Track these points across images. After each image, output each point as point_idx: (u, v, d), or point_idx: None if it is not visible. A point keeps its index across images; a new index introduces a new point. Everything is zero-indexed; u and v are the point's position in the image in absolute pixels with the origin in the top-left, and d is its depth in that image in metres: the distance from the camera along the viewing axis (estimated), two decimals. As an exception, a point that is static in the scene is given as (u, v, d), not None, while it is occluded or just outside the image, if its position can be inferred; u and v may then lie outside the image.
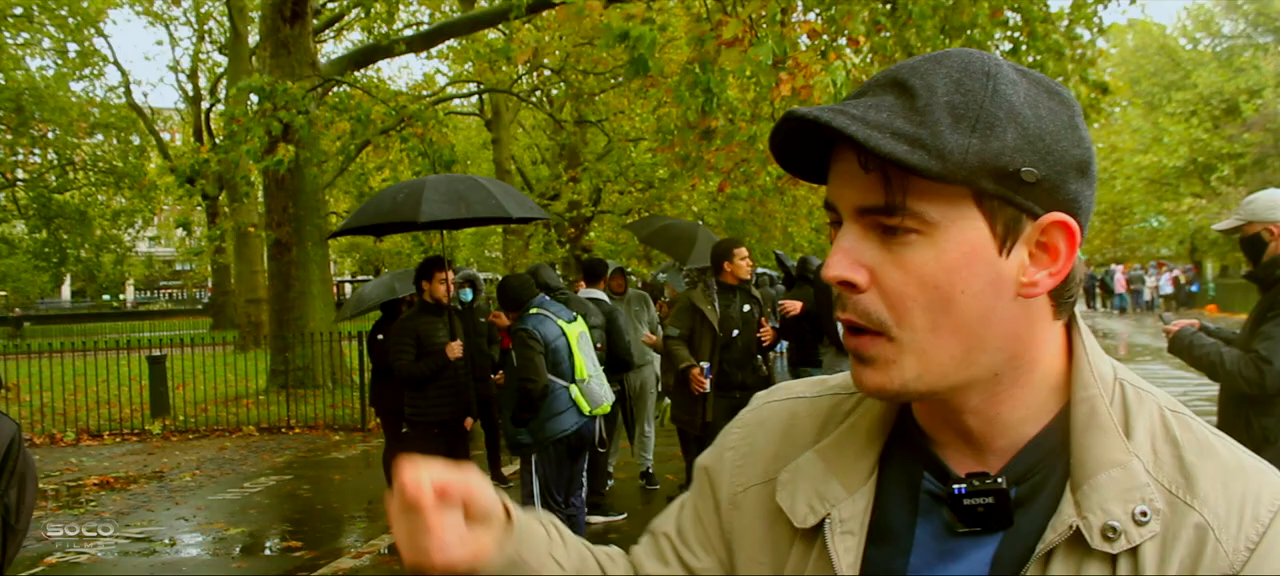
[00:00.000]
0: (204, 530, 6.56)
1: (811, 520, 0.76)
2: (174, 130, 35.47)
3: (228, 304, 29.21)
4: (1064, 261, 0.70)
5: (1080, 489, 0.68)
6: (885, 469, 0.77)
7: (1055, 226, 0.69)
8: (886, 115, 0.66)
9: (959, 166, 0.64)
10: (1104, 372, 0.73)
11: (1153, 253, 34.63)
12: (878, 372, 0.70)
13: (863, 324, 0.70)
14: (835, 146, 0.71)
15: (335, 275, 37.03)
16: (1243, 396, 3.02)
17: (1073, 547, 0.68)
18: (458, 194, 5.38)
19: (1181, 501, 0.67)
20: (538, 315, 4.72)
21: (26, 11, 20.18)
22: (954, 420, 0.74)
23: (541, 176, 21.84)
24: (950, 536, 0.72)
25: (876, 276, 0.68)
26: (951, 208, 0.66)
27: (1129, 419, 0.71)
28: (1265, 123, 26.39)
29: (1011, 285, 0.69)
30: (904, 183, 0.66)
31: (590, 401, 4.71)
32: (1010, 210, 0.67)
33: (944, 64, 0.68)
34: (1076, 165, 0.69)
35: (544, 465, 4.68)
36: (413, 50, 13.98)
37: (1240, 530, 0.66)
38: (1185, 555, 0.66)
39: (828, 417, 0.82)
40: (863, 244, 0.69)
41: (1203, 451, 0.69)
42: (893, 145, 0.64)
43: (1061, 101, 0.69)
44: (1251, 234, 3.08)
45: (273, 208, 13.06)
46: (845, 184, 0.70)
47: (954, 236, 0.67)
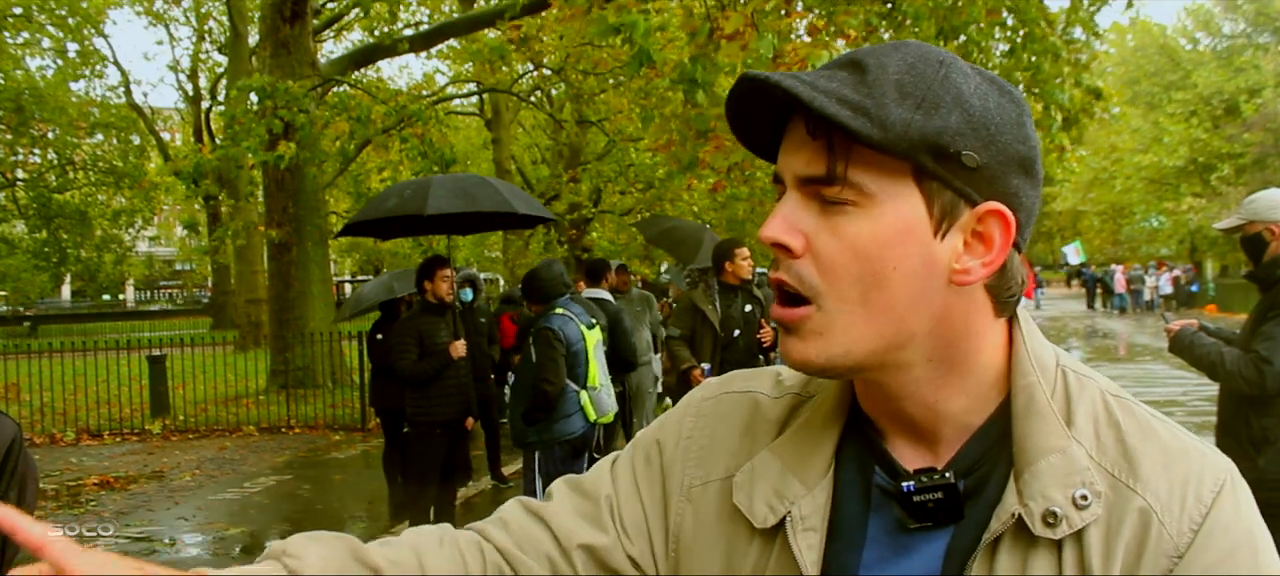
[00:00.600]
0: (204, 530, 6.56)
1: (772, 519, 0.76)
2: (174, 130, 35.48)
3: (228, 304, 29.22)
4: (998, 252, 0.70)
5: (1022, 476, 0.69)
6: (839, 464, 0.77)
7: (991, 215, 0.69)
8: (836, 84, 0.67)
9: (899, 138, 0.66)
10: (1045, 360, 0.73)
11: (1153, 252, 34.61)
12: (806, 344, 0.70)
13: (795, 287, 0.70)
14: (789, 120, 0.72)
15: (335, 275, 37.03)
16: (1243, 396, 3.02)
17: (1018, 536, 0.68)
18: (464, 190, 5.39)
19: (1124, 485, 0.68)
20: (562, 315, 4.71)
21: (26, 11, 20.16)
22: (896, 409, 0.74)
23: (541, 176, 21.84)
24: (902, 532, 0.73)
25: (811, 243, 0.69)
26: (891, 182, 0.67)
27: (1070, 405, 0.71)
28: (1265, 122, 26.40)
29: (944, 270, 0.69)
30: (847, 152, 0.67)
31: (598, 409, 4.73)
32: (949, 193, 0.68)
33: (901, 50, 0.70)
34: (1019, 161, 0.70)
35: (548, 464, 4.68)
36: (413, 50, 13.99)
37: (1183, 512, 0.67)
38: (1130, 539, 0.67)
39: (784, 414, 0.82)
40: (802, 211, 0.70)
41: (1145, 434, 0.70)
42: (836, 108, 0.65)
43: (1012, 100, 0.70)
44: (1252, 233, 3.08)
45: (273, 208, 13.07)
46: (792, 153, 0.71)
47: (890, 211, 0.68)
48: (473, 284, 7.00)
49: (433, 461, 5.01)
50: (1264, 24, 30.70)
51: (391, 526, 6.40)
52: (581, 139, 19.57)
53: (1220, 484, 0.68)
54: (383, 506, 6.93)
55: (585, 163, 19.20)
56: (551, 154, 21.86)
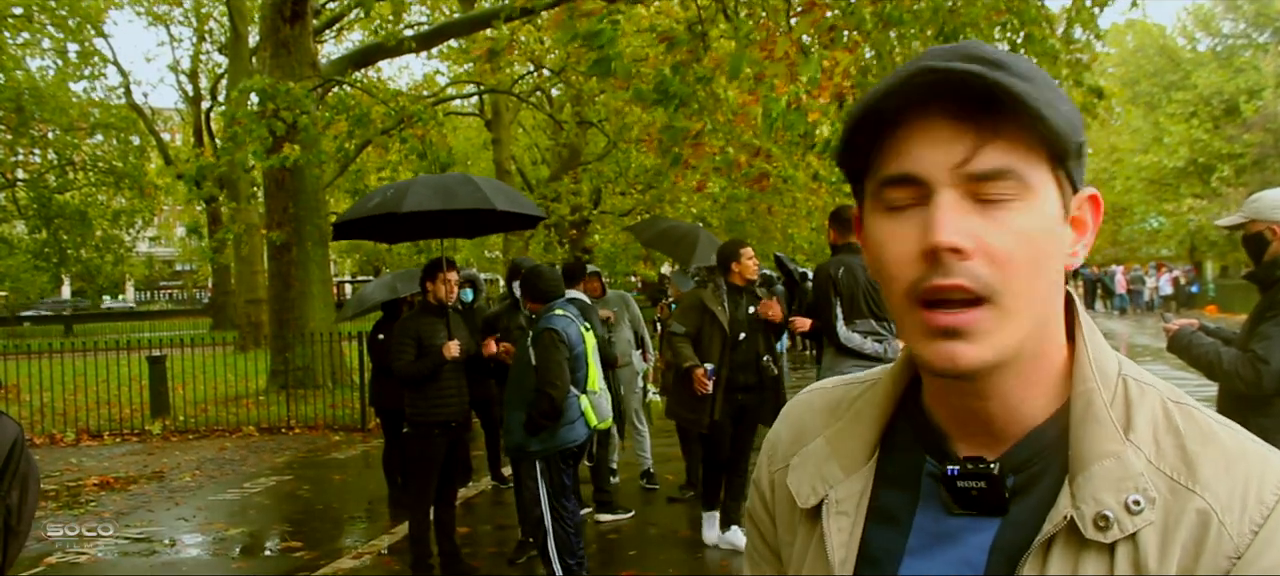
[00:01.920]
0: (204, 530, 6.56)
1: (812, 500, 0.80)
2: (174, 130, 35.47)
3: (228, 304, 29.21)
4: (1091, 235, 0.75)
5: (1076, 480, 0.70)
6: (888, 453, 0.80)
7: (1089, 200, 0.75)
8: (1011, 79, 0.67)
9: (1068, 128, 0.69)
10: (1106, 367, 0.74)
11: (1153, 253, 34.60)
12: (978, 345, 0.69)
13: (972, 287, 0.68)
14: (913, 119, 0.70)
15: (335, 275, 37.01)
16: (1240, 395, 3.01)
17: (1070, 539, 0.68)
18: (444, 188, 5.34)
19: (1183, 487, 0.68)
20: (564, 316, 4.57)
21: (26, 11, 20.16)
22: (978, 408, 0.74)
23: (541, 177, 21.84)
24: (948, 517, 0.74)
25: (981, 240, 0.68)
26: (1042, 173, 0.70)
27: (1130, 412, 0.72)
28: (1265, 123, 26.40)
29: (1064, 255, 0.73)
30: (1006, 143, 0.68)
31: (598, 414, 4.61)
32: (1069, 182, 0.72)
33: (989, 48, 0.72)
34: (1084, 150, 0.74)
35: (554, 474, 4.55)
36: (413, 50, 13.98)
37: (1244, 513, 0.66)
38: (1188, 540, 0.66)
39: (837, 404, 0.86)
40: (961, 213, 0.68)
41: (1205, 439, 0.70)
42: (1039, 103, 0.66)
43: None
44: (1254, 232, 3.07)
45: (273, 208, 13.07)
46: (937, 147, 0.69)
47: (1047, 202, 0.70)
48: (473, 284, 6.99)
49: (432, 462, 4.99)
50: (1264, 24, 30.68)
51: (391, 526, 6.40)
52: (581, 140, 19.57)
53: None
54: (383, 506, 6.94)
55: (585, 163, 19.19)
56: (551, 154, 21.86)
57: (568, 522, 4.59)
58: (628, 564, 5.44)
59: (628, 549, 5.75)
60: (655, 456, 7.30)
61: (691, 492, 6.68)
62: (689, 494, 6.70)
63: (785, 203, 17.27)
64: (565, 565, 4.57)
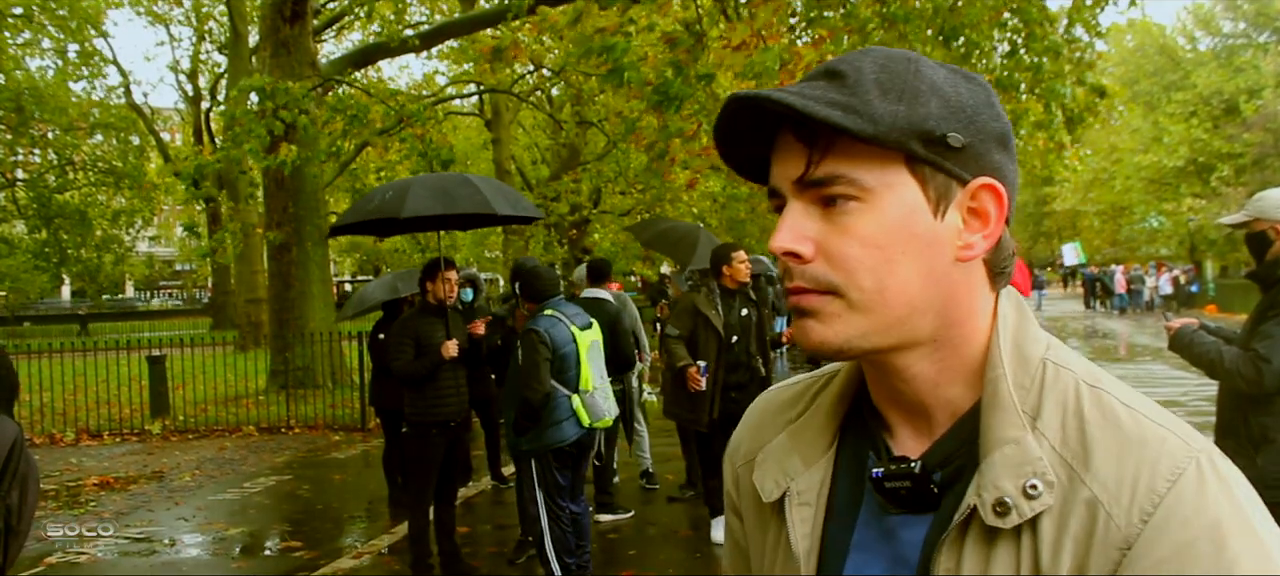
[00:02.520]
0: (204, 530, 6.56)
1: (775, 494, 0.82)
2: (174, 130, 35.49)
3: (228, 304, 29.21)
4: (995, 224, 0.74)
5: (980, 467, 0.70)
6: (844, 444, 0.81)
7: (984, 190, 0.73)
8: (820, 92, 0.71)
9: (890, 128, 0.70)
10: (1028, 353, 0.74)
11: (1153, 253, 34.61)
12: (823, 326, 0.73)
13: (812, 287, 0.73)
14: (777, 134, 0.75)
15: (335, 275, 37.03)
16: (1242, 395, 3.01)
17: (981, 528, 0.69)
18: (444, 191, 5.29)
19: (1077, 476, 0.67)
20: (551, 317, 4.56)
21: (26, 11, 20.16)
22: (900, 393, 0.77)
23: (541, 177, 21.84)
24: (887, 515, 0.76)
25: (821, 246, 0.72)
26: (886, 173, 0.71)
27: (1042, 396, 0.72)
28: (1265, 123, 26.39)
29: (949, 248, 0.73)
30: (841, 151, 0.71)
31: (591, 414, 4.56)
32: (940, 175, 0.72)
33: (870, 54, 0.75)
34: (997, 137, 0.74)
35: (546, 473, 4.55)
36: (413, 50, 13.99)
37: (1134, 502, 0.65)
38: (1078, 531, 0.66)
39: (798, 398, 0.87)
40: (805, 218, 0.73)
41: (1105, 424, 0.69)
42: (828, 111, 0.69)
43: (978, 84, 0.75)
44: (1257, 231, 3.07)
45: (273, 208, 13.07)
46: (786, 160, 0.74)
47: (890, 200, 0.71)
48: (473, 284, 6.99)
49: (432, 461, 4.99)
50: (1264, 24, 30.68)
51: (391, 526, 6.40)
52: (581, 139, 19.57)
53: (1179, 472, 0.65)
54: (383, 506, 6.94)
55: (585, 163, 19.19)
56: (551, 154, 21.86)
57: (564, 522, 4.58)
58: (628, 564, 5.44)
59: (628, 549, 5.75)
60: (655, 456, 7.29)
61: (691, 492, 6.68)
62: (689, 494, 6.70)
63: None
64: (563, 565, 4.56)
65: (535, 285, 4.72)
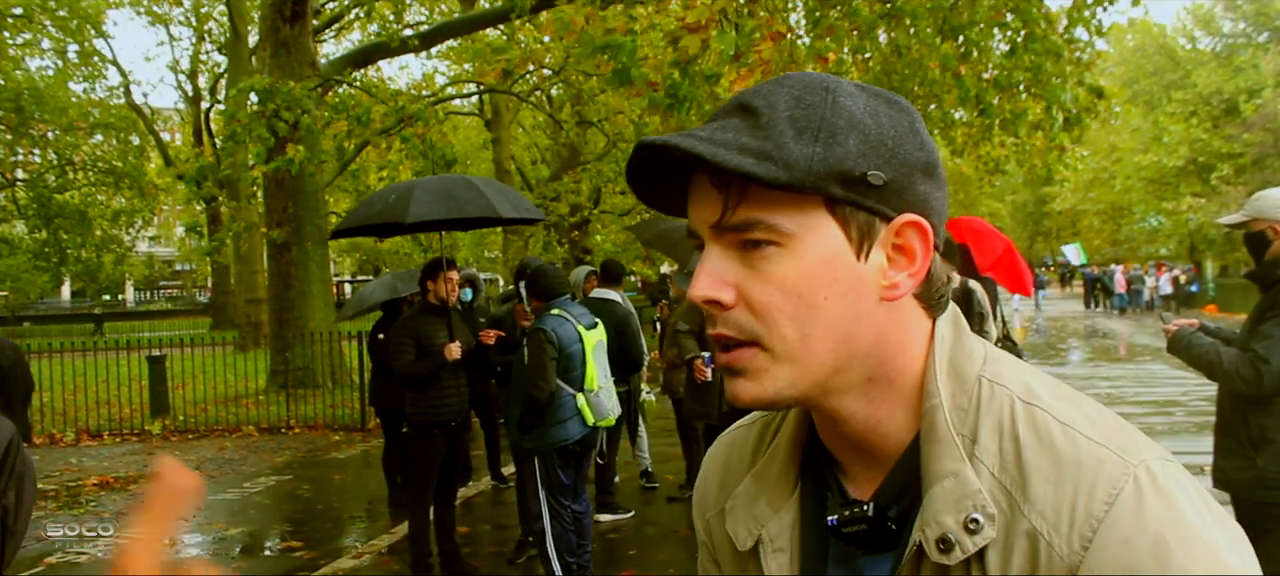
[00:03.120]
0: (204, 530, 6.56)
1: (749, 542, 0.80)
2: (174, 130, 35.48)
3: (228, 304, 29.21)
4: (921, 262, 0.72)
5: (923, 503, 0.69)
6: (805, 488, 0.80)
7: (908, 227, 0.71)
8: (732, 134, 0.68)
9: (806, 174, 0.67)
10: (964, 371, 0.72)
11: (1152, 253, 34.60)
12: (752, 383, 0.71)
13: (735, 336, 0.71)
14: (693, 172, 0.73)
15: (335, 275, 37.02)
16: (1241, 395, 3.01)
17: (930, 565, 0.68)
18: (448, 194, 5.31)
19: (1017, 505, 0.66)
20: (557, 316, 4.58)
21: (26, 11, 20.17)
22: (844, 434, 0.75)
23: (541, 177, 21.83)
24: (852, 556, 0.75)
25: (742, 291, 0.70)
26: (805, 216, 0.69)
27: (979, 419, 0.70)
28: (1265, 122, 26.38)
29: (874, 288, 0.71)
30: (756, 196, 0.68)
31: (596, 413, 4.58)
32: (862, 214, 0.69)
33: (785, 84, 0.71)
34: (922, 167, 0.71)
35: (549, 472, 4.57)
36: (413, 50, 13.98)
37: (1073, 529, 0.63)
38: (1021, 562, 0.65)
39: (759, 441, 0.85)
40: (725, 262, 0.71)
41: (1041, 447, 0.67)
42: (739, 159, 0.66)
43: (901, 109, 0.72)
44: (1256, 231, 3.06)
45: (273, 208, 13.07)
46: (702, 205, 0.71)
47: (811, 244, 0.69)
48: (473, 284, 6.99)
49: (432, 461, 4.99)
50: (1263, 24, 30.68)
51: (391, 526, 6.40)
52: (581, 139, 19.56)
53: (1116, 492, 0.63)
54: (383, 506, 6.93)
55: (585, 163, 19.17)
56: (551, 154, 21.85)
57: (566, 520, 4.59)
58: (628, 563, 5.44)
59: (628, 548, 5.75)
60: (655, 456, 7.29)
61: (691, 492, 6.67)
62: (689, 494, 6.69)
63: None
64: (564, 564, 4.56)
65: (542, 284, 4.75)
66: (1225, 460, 3.08)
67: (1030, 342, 19.60)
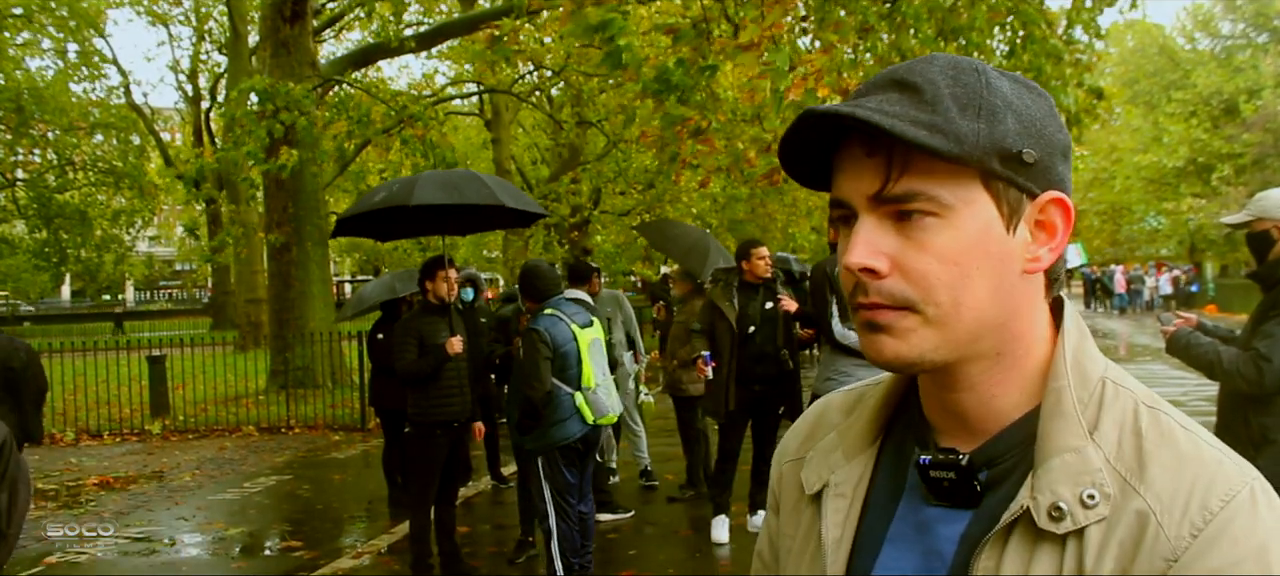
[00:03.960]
0: (204, 530, 6.56)
1: (816, 486, 0.84)
2: (174, 130, 35.47)
3: (228, 304, 29.20)
4: (1061, 237, 0.75)
5: (1037, 472, 0.71)
6: (888, 442, 0.83)
7: (1052, 204, 0.75)
8: (899, 107, 0.71)
9: (974, 148, 0.70)
10: (1087, 369, 0.75)
11: (1152, 253, 34.60)
12: (897, 341, 0.73)
13: (887, 304, 0.73)
14: (842, 144, 0.75)
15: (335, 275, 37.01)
16: (1241, 395, 3.01)
17: (1027, 531, 0.70)
18: (452, 184, 5.34)
19: (1131, 487, 0.68)
20: (551, 316, 4.59)
21: (26, 12, 20.16)
22: (954, 402, 0.77)
23: (541, 177, 21.82)
24: (926, 507, 0.77)
25: (897, 261, 0.72)
26: (963, 189, 0.71)
27: (1101, 412, 0.73)
28: (1264, 123, 26.38)
29: (1019, 261, 0.74)
30: (918, 168, 0.71)
31: (594, 410, 4.57)
32: (1013, 191, 0.73)
33: (935, 64, 0.74)
34: (1062, 149, 0.76)
35: (554, 471, 4.56)
36: (413, 50, 13.99)
37: (1185, 516, 0.66)
38: (1125, 538, 0.67)
39: (857, 401, 0.89)
40: (880, 233, 0.73)
41: (1163, 443, 0.70)
42: (916, 132, 0.69)
43: (1039, 94, 0.76)
44: (1259, 231, 3.07)
45: (273, 208, 13.07)
46: (857, 176, 0.74)
47: (969, 217, 0.72)
48: (474, 283, 6.98)
49: (434, 461, 4.99)
50: (1262, 25, 30.67)
51: (391, 526, 6.40)
52: (581, 139, 19.55)
53: (1233, 493, 0.67)
54: (383, 506, 6.93)
55: (585, 163, 19.17)
56: (551, 154, 21.84)
57: (572, 520, 4.59)
58: (628, 563, 5.44)
59: (628, 548, 5.75)
60: (655, 456, 7.29)
61: (691, 492, 6.69)
62: (689, 493, 6.70)
63: (785, 202, 17.27)
64: (567, 564, 4.56)
65: (535, 285, 4.76)
66: None
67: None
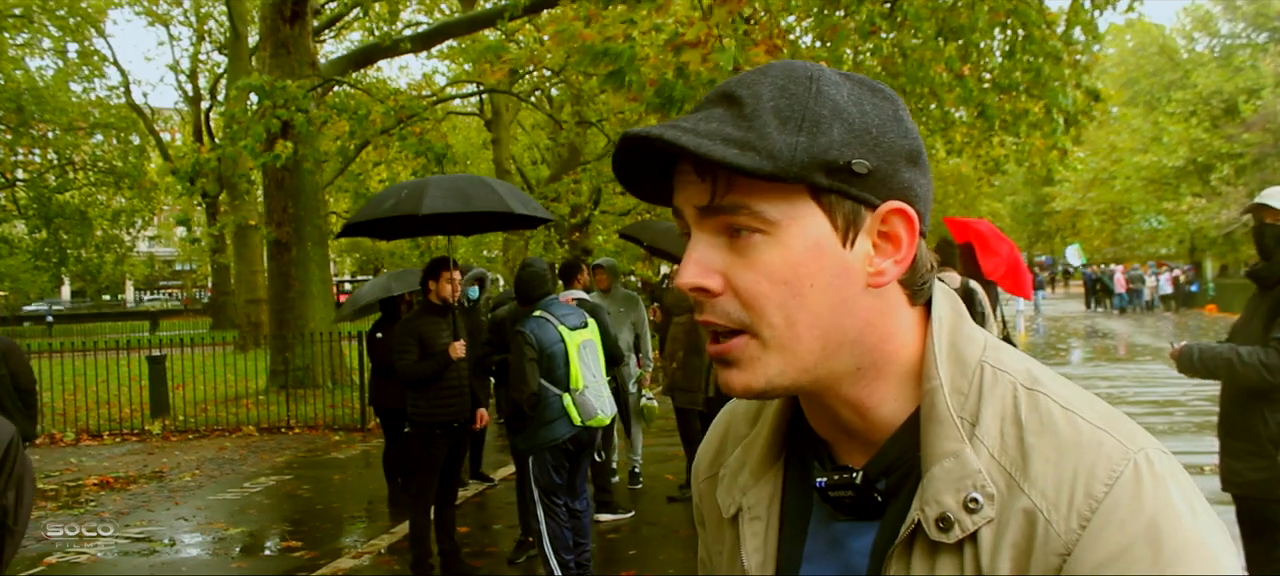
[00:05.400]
0: (204, 530, 6.56)
1: (731, 510, 0.83)
2: (174, 130, 35.45)
3: (228, 304, 29.21)
4: (907, 248, 0.72)
5: (923, 482, 0.70)
6: (792, 457, 0.82)
7: (894, 214, 0.72)
8: (716, 125, 0.69)
9: (789, 164, 0.67)
10: (964, 356, 0.73)
11: (1152, 253, 34.60)
12: (743, 372, 0.72)
13: (724, 325, 0.72)
14: (678, 162, 0.73)
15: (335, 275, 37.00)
16: (1252, 394, 3.02)
17: (924, 539, 0.69)
18: (460, 190, 5.33)
19: (1016, 484, 0.67)
20: (538, 318, 4.62)
21: (26, 12, 20.16)
22: (831, 416, 0.76)
23: (541, 177, 21.82)
24: (835, 522, 0.76)
25: (729, 279, 0.71)
26: (790, 205, 0.69)
27: (981, 403, 0.70)
28: (1264, 123, 26.37)
29: (860, 276, 0.71)
30: (742, 185, 0.69)
31: (582, 413, 4.56)
32: (847, 203, 0.70)
33: (769, 74, 0.72)
34: (906, 155, 0.72)
35: (541, 471, 4.58)
36: (413, 50, 13.98)
37: (1072, 508, 0.64)
38: (1017, 539, 0.66)
39: (757, 414, 0.87)
40: (712, 250, 0.71)
41: (1043, 430, 0.68)
42: (723, 150, 0.66)
43: (884, 97, 0.72)
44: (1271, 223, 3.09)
45: (273, 208, 13.07)
46: (688, 193, 0.72)
47: (796, 233, 0.69)
48: (480, 283, 6.97)
49: (434, 462, 5.00)
50: (1262, 25, 30.67)
51: (391, 526, 6.40)
52: (581, 139, 19.55)
53: (1116, 474, 0.65)
54: (383, 506, 6.94)
55: (585, 163, 19.16)
56: (551, 154, 21.84)
57: (561, 518, 4.60)
58: (628, 564, 5.44)
59: (628, 549, 5.75)
60: (655, 456, 7.30)
61: (691, 492, 6.68)
62: (689, 494, 6.68)
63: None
64: (561, 562, 4.57)
65: (524, 287, 4.81)
66: (1238, 461, 3.08)
67: (1030, 343, 19.59)
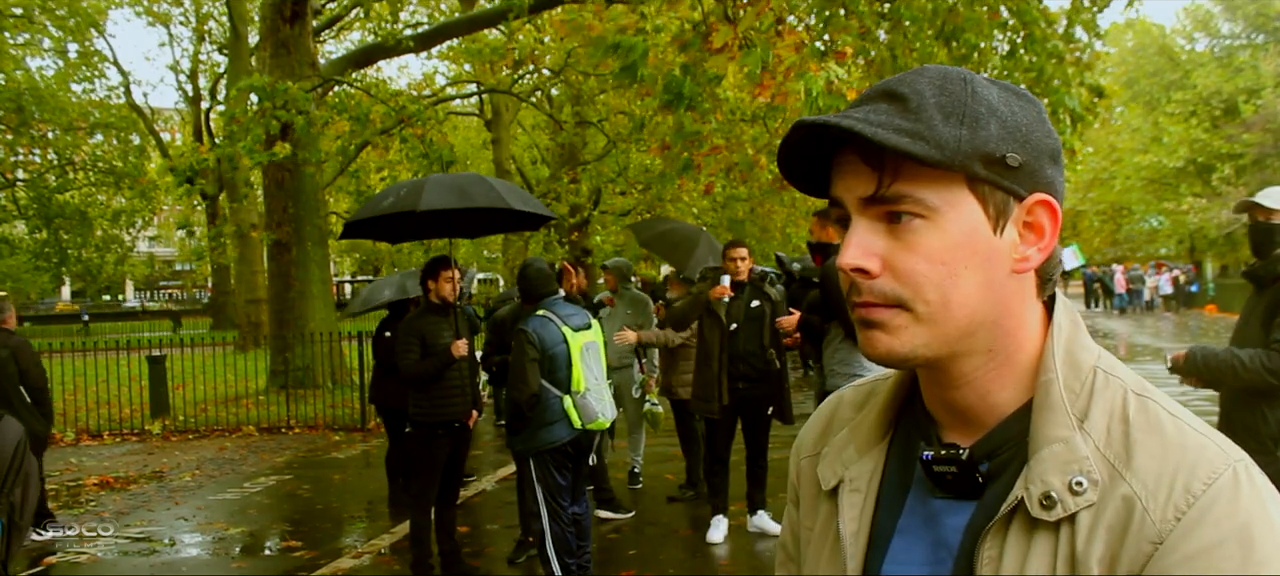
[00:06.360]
0: (204, 530, 6.56)
1: (832, 482, 0.88)
2: (174, 130, 35.48)
3: (228, 304, 29.22)
4: (1049, 237, 0.78)
5: (1030, 463, 0.75)
6: (896, 437, 0.87)
7: (1039, 205, 0.78)
8: (886, 116, 0.75)
9: (955, 154, 0.74)
10: (1079, 359, 0.78)
11: (1152, 253, 34.60)
12: (891, 338, 0.77)
13: (879, 303, 0.77)
14: (838, 151, 0.79)
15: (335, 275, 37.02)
16: (1255, 393, 3.02)
17: (1024, 520, 0.73)
18: (460, 188, 5.33)
19: (1119, 473, 0.72)
20: (542, 317, 4.58)
21: (26, 12, 20.16)
22: (952, 398, 0.81)
23: (541, 177, 21.83)
24: (933, 499, 0.81)
25: (888, 261, 0.76)
26: (950, 193, 0.75)
27: (1092, 401, 0.76)
28: (1264, 123, 26.38)
29: (1007, 261, 0.77)
30: (907, 174, 0.75)
31: (583, 416, 4.53)
32: (1000, 193, 0.76)
33: (924, 75, 0.78)
34: (1050, 153, 0.79)
35: (544, 472, 4.56)
36: (413, 50, 13.99)
37: (1170, 500, 0.69)
38: (1113, 523, 0.70)
39: (865, 399, 0.93)
40: (872, 235, 0.77)
41: (1150, 429, 0.73)
42: (898, 139, 0.73)
43: (1028, 100, 0.80)
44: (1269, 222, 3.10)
45: (273, 208, 13.07)
46: (852, 181, 0.78)
47: (954, 218, 0.75)
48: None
49: (436, 461, 5.00)
50: (1262, 25, 30.67)
51: (391, 526, 6.40)
52: (581, 139, 19.56)
53: (1216, 476, 0.69)
54: (383, 506, 6.94)
55: (584, 163, 19.18)
56: (551, 154, 21.85)
57: (565, 521, 4.58)
58: (628, 563, 5.45)
59: (628, 548, 5.75)
60: (655, 456, 7.31)
61: (691, 492, 6.69)
62: (689, 494, 6.71)
63: (785, 202, 17.29)
64: (564, 565, 4.56)
65: (527, 285, 4.78)
66: None
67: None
